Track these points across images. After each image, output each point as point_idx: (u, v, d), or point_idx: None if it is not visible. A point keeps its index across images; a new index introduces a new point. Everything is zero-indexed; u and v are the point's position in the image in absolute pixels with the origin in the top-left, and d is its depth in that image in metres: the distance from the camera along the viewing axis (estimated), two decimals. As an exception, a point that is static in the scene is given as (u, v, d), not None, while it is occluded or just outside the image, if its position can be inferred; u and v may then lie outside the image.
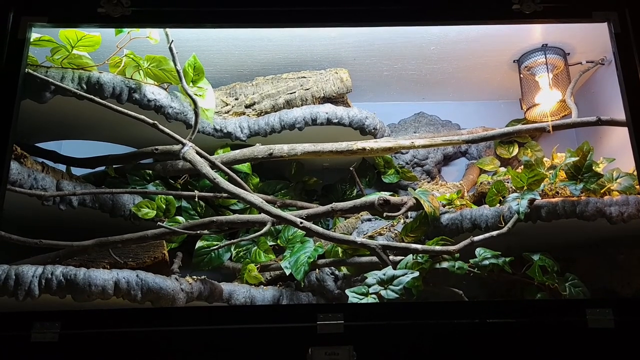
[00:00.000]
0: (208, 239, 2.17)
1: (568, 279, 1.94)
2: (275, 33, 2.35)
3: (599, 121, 2.08)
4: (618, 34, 1.78)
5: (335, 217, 2.39)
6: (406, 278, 1.82)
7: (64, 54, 1.96)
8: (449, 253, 1.93)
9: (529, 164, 1.98)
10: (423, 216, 2.09)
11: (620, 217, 1.89)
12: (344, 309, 1.59)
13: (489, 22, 2.08)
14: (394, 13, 1.86)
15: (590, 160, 1.95)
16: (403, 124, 2.83)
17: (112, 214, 2.10)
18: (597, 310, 1.52)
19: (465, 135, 2.23)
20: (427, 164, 2.70)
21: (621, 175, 1.99)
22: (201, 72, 2.14)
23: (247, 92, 2.48)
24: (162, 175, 2.30)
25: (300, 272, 2.09)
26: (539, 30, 2.39)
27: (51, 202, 1.95)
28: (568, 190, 1.97)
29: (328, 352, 1.46)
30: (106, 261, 1.94)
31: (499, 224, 1.97)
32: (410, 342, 1.53)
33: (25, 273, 1.71)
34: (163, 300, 1.83)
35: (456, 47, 2.45)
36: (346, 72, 2.44)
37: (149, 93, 2.10)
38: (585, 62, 2.53)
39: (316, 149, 2.23)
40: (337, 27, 2.25)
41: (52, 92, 1.93)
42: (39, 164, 2.01)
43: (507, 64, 2.57)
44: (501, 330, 1.54)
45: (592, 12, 1.82)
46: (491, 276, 1.95)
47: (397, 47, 2.45)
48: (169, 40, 2.00)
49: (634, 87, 1.73)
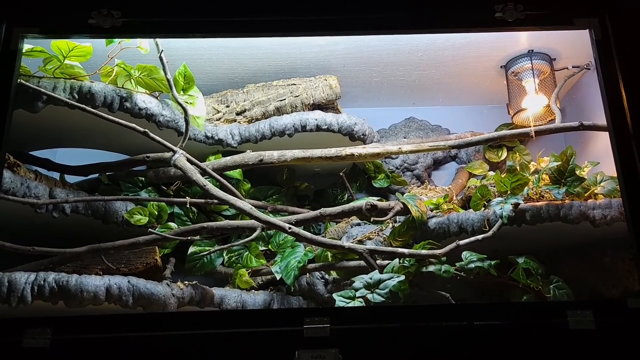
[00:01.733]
0: (201, 244, 2.20)
1: (552, 282, 1.96)
2: (265, 41, 2.38)
3: (581, 126, 2.11)
4: (599, 40, 1.80)
5: (326, 222, 2.42)
6: (392, 282, 1.85)
7: (56, 64, 1.99)
8: (436, 257, 1.96)
9: (512, 169, 2.02)
10: (411, 220, 2.12)
11: (603, 220, 1.91)
12: (330, 312, 1.63)
13: (472, 29, 2.12)
14: (380, 22, 1.90)
15: (573, 165, 1.98)
16: (393, 129, 2.85)
17: (104, 221, 2.13)
18: (578, 312, 1.53)
19: (452, 141, 2.25)
20: (417, 169, 2.73)
21: (605, 178, 2.02)
22: (191, 80, 2.17)
23: (238, 100, 2.51)
24: (155, 182, 2.33)
25: (290, 277, 2.12)
26: (525, 36, 2.42)
27: (44, 210, 1.98)
28: (552, 195, 2.00)
29: (314, 355, 1.48)
30: (99, 267, 1.97)
31: (484, 228, 2.00)
32: (396, 344, 1.54)
33: (17, 280, 1.74)
34: (154, 306, 1.86)
35: (444, 53, 2.49)
36: (335, 78, 2.48)
37: (140, 102, 2.13)
38: (571, 67, 2.56)
39: (306, 155, 2.26)
40: (324, 35, 2.28)
41: (44, 102, 1.95)
42: (32, 172, 2.04)
43: (495, 70, 2.60)
44: (487, 333, 1.56)
45: (574, 19, 1.84)
46: (477, 279, 1.98)
47: (386, 54, 2.48)
48: (159, 50, 2.03)
49: (614, 93, 1.74)
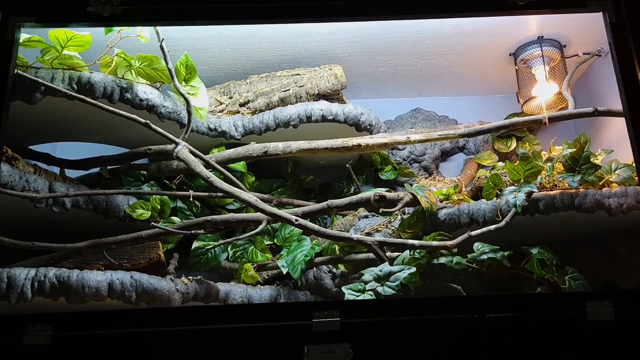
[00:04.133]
0: (204, 239, 2.15)
1: (568, 272, 1.91)
2: (268, 30, 2.32)
3: (596, 112, 2.05)
4: (613, 23, 1.76)
5: (333, 215, 2.37)
6: (403, 274, 1.80)
7: (54, 54, 1.94)
8: (447, 248, 1.90)
9: (525, 156, 1.96)
10: (420, 212, 2.07)
11: (619, 209, 1.87)
12: (339, 305, 1.57)
13: (482, 14, 2.06)
14: (386, 6, 1.85)
15: (587, 152, 1.93)
16: (400, 120, 2.80)
17: (106, 216, 2.08)
18: (597, 302, 1.49)
19: (462, 129, 2.20)
20: (424, 160, 2.68)
21: (620, 166, 1.97)
22: (193, 70, 2.12)
23: (241, 91, 2.46)
24: (157, 175, 2.28)
25: (297, 271, 2.07)
26: (535, 22, 2.37)
27: (44, 204, 1.93)
28: (566, 183, 1.95)
29: (324, 350, 1.43)
30: (101, 263, 1.92)
31: (497, 218, 1.95)
32: (408, 338, 1.50)
33: (17, 276, 1.69)
34: (158, 301, 1.81)
35: (451, 41, 2.43)
36: (340, 68, 2.42)
37: (140, 92, 2.08)
38: (582, 54, 2.51)
39: (311, 146, 2.21)
40: (327, 22, 2.22)
41: (42, 93, 1.91)
42: (32, 166, 1.99)
43: (503, 58, 2.55)
44: (501, 325, 1.51)
45: (587, 2, 1.79)
46: (490, 271, 1.93)
47: (392, 43, 2.43)
48: (159, 39, 1.98)
49: (630, 77, 1.70)
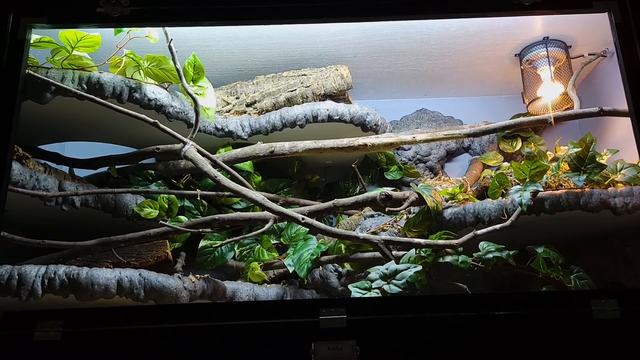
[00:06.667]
0: (211, 238, 2.17)
1: (573, 272, 1.91)
2: (274, 31, 2.34)
3: (601, 112, 2.05)
4: (619, 23, 1.77)
5: (338, 214, 2.38)
6: (409, 272, 1.81)
7: (64, 54, 1.97)
8: (452, 247, 1.91)
9: (530, 156, 1.97)
10: (426, 211, 2.08)
11: (624, 208, 1.87)
12: (346, 303, 1.59)
13: (488, 14, 2.07)
14: (392, 7, 1.86)
15: (593, 151, 1.93)
16: (405, 120, 2.81)
17: (114, 214, 2.09)
18: (603, 301, 1.49)
19: (468, 129, 2.21)
20: (429, 160, 2.69)
21: (625, 166, 1.97)
22: (201, 70, 2.14)
23: (248, 91, 2.48)
24: (165, 175, 2.30)
25: (303, 270, 2.08)
26: (540, 23, 2.37)
27: (54, 203, 1.95)
28: (572, 183, 1.96)
29: (331, 346, 1.44)
30: (109, 261, 1.94)
31: (502, 217, 1.96)
32: (414, 335, 1.51)
33: (28, 273, 1.72)
34: (166, 299, 1.83)
35: (457, 42, 2.44)
36: (346, 68, 2.44)
37: (149, 92, 2.10)
38: (587, 54, 2.51)
39: (317, 145, 2.22)
40: (334, 22, 2.23)
41: (52, 93, 1.93)
42: (41, 165, 2.01)
43: (509, 58, 2.55)
44: (507, 323, 1.52)
45: (593, 2, 1.80)
46: (495, 270, 1.94)
47: (398, 43, 2.44)
48: (168, 39, 2.00)
49: (635, 77, 1.70)
